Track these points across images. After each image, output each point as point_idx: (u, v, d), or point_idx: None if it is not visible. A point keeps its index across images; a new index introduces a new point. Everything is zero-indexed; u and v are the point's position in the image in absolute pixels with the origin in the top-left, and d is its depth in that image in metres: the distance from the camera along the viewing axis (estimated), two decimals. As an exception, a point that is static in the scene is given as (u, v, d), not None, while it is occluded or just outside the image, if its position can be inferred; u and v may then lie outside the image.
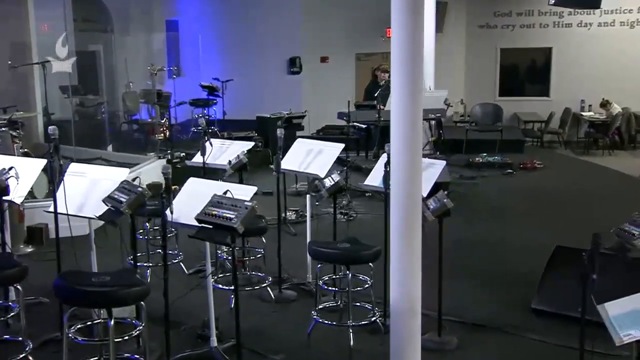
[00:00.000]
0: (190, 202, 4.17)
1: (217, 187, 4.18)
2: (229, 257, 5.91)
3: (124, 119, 11.85)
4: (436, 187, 5.22)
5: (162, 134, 10.66)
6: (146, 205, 4.19)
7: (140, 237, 6.25)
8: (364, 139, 10.75)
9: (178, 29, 15.45)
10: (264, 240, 5.75)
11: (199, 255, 5.52)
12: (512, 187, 9.94)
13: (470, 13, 16.26)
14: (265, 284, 5.74)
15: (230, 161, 6.15)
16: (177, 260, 6.23)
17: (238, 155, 6.14)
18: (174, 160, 9.33)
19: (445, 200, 4.77)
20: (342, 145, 6.00)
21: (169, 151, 9.91)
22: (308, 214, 6.13)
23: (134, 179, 4.32)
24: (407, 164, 4.19)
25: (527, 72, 16.73)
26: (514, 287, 5.88)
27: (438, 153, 11.57)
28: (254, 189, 4.29)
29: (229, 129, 12.39)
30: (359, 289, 5.16)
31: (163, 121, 10.91)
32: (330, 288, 5.47)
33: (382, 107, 9.83)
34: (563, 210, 8.36)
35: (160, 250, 6.36)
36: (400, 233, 4.27)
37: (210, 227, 3.93)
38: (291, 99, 13.88)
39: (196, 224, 3.98)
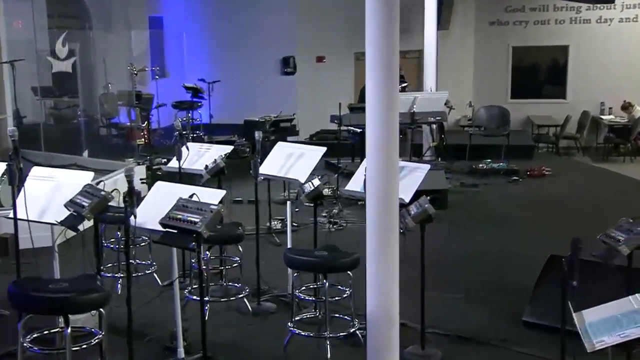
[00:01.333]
0: (158, 206, 4.39)
1: (184, 191, 4.41)
2: (204, 267, 6.11)
3: (102, 122, 12.10)
4: (433, 194, 5.42)
5: (143, 139, 10.89)
6: (109, 211, 4.40)
7: (111, 246, 6.47)
8: (359, 144, 10.95)
9: (162, 26, 15.72)
10: (240, 249, 5.95)
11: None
12: (516, 195, 10.15)
13: (479, 8, 16.45)
14: (241, 295, 5.94)
15: (207, 166, 6.37)
16: (150, 271, 6.44)
17: (215, 160, 6.36)
18: (154, 167, 9.56)
19: (426, 205, 4.98)
20: (323, 149, 6.22)
21: (149, 157, 10.14)
22: (288, 222, 6.34)
23: (97, 183, 4.54)
24: (383, 168, 4.42)
25: (542, 72, 16.93)
26: (507, 299, 6.08)
27: (439, 159, 11.81)
28: (222, 192, 4.51)
29: (216, 134, 12.64)
30: (337, 298, 5.36)
31: (144, 125, 11.14)
32: (307, 298, 5.67)
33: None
34: (568, 219, 8.55)
35: (132, 261, 6.63)
36: (377, 240, 4.48)
37: (175, 231, 4.16)
38: (284, 102, 14.10)
39: (162, 229, 4.20)
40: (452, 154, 12.11)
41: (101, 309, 3.93)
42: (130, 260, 6.46)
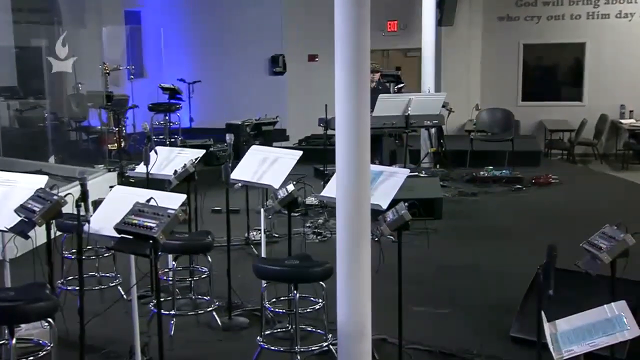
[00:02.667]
0: (115, 212, 4.60)
1: (144, 196, 4.62)
2: (170, 279, 6.33)
3: (71, 126, 12.31)
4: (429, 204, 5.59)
5: (116, 144, 11.11)
6: (62, 217, 4.61)
7: (72, 257, 6.66)
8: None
9: (140, 21, 15.95)
10: (210, 260, 6.16)
11: (144, 280, 5.92)
12: (517, 204, 10.36)
13: (487, 2, 16.67)
14: (210, 309, 6.14)
15: (176, 171, 6.59)
16: (114, 284, 6.64)
17: (185, 165, 6.58)
18: (127, 174, 9.78)
19: (403, 212, 5.17)
20: (299, 153, 6.45)
21: (121, 163, 10.37)
22: (262, 231, 6.55)
23: (51, 187, 4.75)
24: (353, 172, 4.62)
25: (556, 72, 17.16)
26: (497, 314, 6.28)
27: (438, 166, 12.02)
28: (182, 197, 4.72)
29: (197, 138, 12.84)
30: (309, 310, 5.57)
31: (117, 129, 11.37)
32: (277, 310, 5.88)
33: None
34: (571, 231, 8.70)
35: (95, 273, 6.85)
36: (347, 249, 4.70)
37: (131, 237, 4.37)
38: (273, 104, 14.26)
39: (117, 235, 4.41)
40: (452, 160, 12.30)
41: (50, 319, 4.12)
42: (94, 273, 6.79)
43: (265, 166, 6.48)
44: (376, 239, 5.40)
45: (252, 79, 15.77)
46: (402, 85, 11.96)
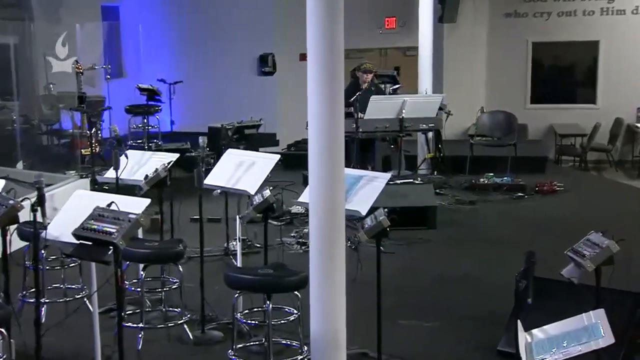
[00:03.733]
0: (75, 217, 4.77)
1: (105, 201, 4.79)
2: (138, 289, 6.48)
3: (41, 129, 12.46)
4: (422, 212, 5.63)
5: (90, 148, 11.28)
6: (18, 222, 4.78)
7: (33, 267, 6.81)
8: (341, 154, 11.34)
9: (119, 17, 16.11)
10: (181, 270, 6.32)
11: (111, 291, 6.08)
12: (518, 213, 10.53)
13: (493, -3, 16.81)
14: (181, 322, 6.30)
15: (147, 176, 6.76)
16: (80, 296, 6.79)
17: (156, 169, 6.75)
18: (96, 179, 9.97)
19: (381, 218, 5.33)
20: (277, 157, 6.62)
21: (94, 169, 10.53)
22: (238, 239, 6.72)
23: (8, 191, 4.92)
24: (327, 176, 4.79)
25: (567, 72, 17.30)
26: (486, 327, 6.44)
27: (435, 173, 12.17)
28: (146, 201, 4.89)
29: (179, 143, 12.98)
30: (283, 322, 5.74)
31: (91, 132, 11.54)
32: (250, 322, 6.05)
33: (361, 115, 10.38)
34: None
35: (60, 285, 7.01)
36: (320, 257, 4.86)
37: (90, 243, 4.53)
38: (262, 107, 14.43)
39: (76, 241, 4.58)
40: (451, 166, 12.45)
41: (2, 330, 4.28)
42: (59, 285, 6.95)
43: (241, 171, 6.65)
44: (353, 247, 5.59)
45: (239, 79, 15.86)
46: (397, 86, 12.08)
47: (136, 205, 4.83)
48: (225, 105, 15.07)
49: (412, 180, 10.53)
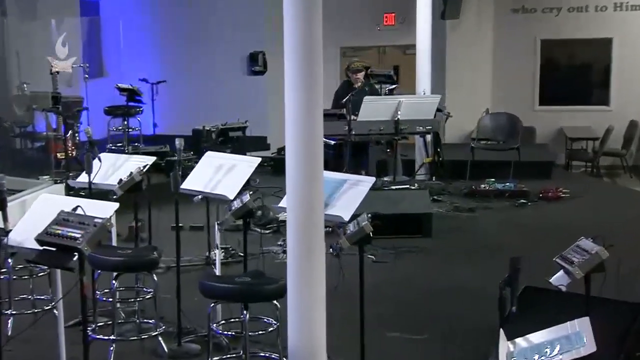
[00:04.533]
0: (40, 222, 4.88)
1: (71, 204, 4.91)
2: (110, 299, 6.58)
3: (14, 131, 12.53)
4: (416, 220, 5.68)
5: (65, 152, 11.37)
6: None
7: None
8: (333, 159, 11.38)
9: (99, 12, 16.21)
10: (155, 279, 6.42)
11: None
12: (519, 221, 10.64)
13: (500, -8, 16.90)
14: (155, 334, 6.41)
15: (121, 180, 6.87)
16: (49, 307, 6.87)
17: (131, 173, 6.86)
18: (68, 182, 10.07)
19: (364, 223, 5.44)
20: (258, 160, 6.74)
21: (70, 174, 10.64)
22: (217, 246, 6.83)
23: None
24: (304, 181, 4.90)
25: (578, 72, 17.40)
26: (478, 341, 6.50)
27: (434, 178, 12.29)
28: (114, 205, 5.01)
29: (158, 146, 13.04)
30: (260, 333, 5.86)
31: (67, 135, 11.64)
32: (226, 333, 6.16)
33: (353, 117, 10.47)
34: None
35: (29, 296, 7.12)
36: (298, 264, 4.95)
37: (54, 249, 4.65)
38: (252, 108, 14.50)
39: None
40: (452, 172, 12.56)
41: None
42: (27, 295, 7.06)
43: (221, 174, 6.75)
44: (335, 254, 5.68)
45: (227, 79, 15.97)
46: (394, 86, 12.09)
47: (103, 210, 4.95)
48: (213, 107, 15.11)
49: (408, 186, 10.64)
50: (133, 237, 7.38)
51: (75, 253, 4.56)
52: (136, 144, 12.79)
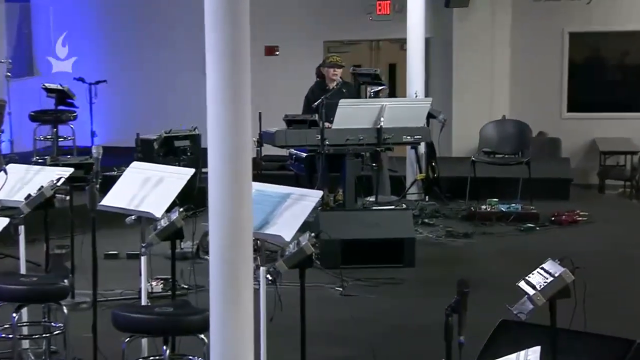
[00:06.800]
0: None
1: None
2: (10, 335, 6.86)
3: None
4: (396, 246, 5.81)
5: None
6: None
7: None
8: (306, 174, 11.58)
9: (29, -1, 16.45)
10: (65, 311, 6.70)
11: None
12: (523, 249, 10.77)
13: (519, -25, 17.04)
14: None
15: (29, 195, 7.16)
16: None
17: (41, 187, 7.15)
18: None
19: (304, 244, 5.75)
20: (191, 171, 7.03)
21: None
22: (142, 274, 7.13)
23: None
24: (229, 195, 5.19)
25: (614, 71, 17.66)
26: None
27: (427, 198, 12.50)
28: (4, 221, 5.32)
29: (106, 161, 13.28)
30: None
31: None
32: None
33: (328, 124, 10.60)
34: (584, 284, 9.19)
35: None
36: (221, 292, 5.21)
37: None
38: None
39: None
40: (450, 190, 12.79)
41: None
42: None
43: (148, 189, 7.04)
44: (271, 280, 5.96)
45: (183, 78, 16.21)
46: (380, 88, 12.04)
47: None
48: (167, 113, 15.45)
49: (392, 207, 10.86)
50: (57, 267, 7.60)
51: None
52: (69, 156, 12.83)
